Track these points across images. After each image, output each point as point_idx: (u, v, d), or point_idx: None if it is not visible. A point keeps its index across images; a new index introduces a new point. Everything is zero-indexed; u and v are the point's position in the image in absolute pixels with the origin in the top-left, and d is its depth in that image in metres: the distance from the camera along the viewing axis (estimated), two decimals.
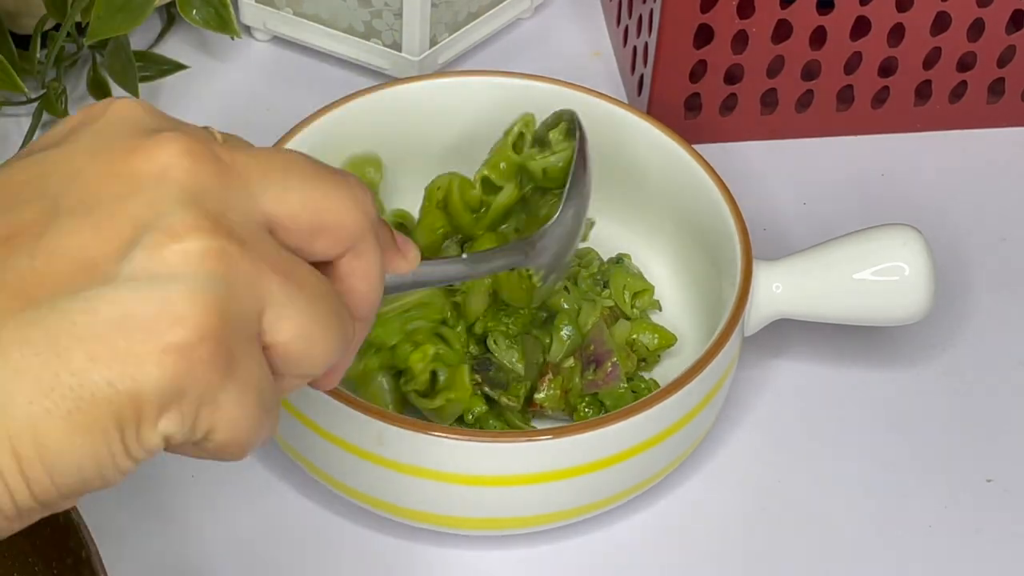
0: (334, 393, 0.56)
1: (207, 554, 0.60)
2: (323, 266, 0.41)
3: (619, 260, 0.67)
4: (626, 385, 0.62)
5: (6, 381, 0.34)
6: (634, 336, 0.64)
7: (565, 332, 0.62)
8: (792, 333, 0.68)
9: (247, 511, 0.62)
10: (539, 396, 0.62)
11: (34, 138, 0.72)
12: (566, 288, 0.64)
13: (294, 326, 0.38)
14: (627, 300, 0.65)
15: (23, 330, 0.35)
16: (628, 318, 0.65)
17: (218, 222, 0.37)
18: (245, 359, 0.37)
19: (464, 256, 0.51)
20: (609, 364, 0.62)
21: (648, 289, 0.66)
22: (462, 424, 0.61)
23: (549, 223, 0.57)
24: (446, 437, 0.56)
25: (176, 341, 0.35)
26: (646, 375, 0.65)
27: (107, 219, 0.36)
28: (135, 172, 0.37)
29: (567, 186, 0.58)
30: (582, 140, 0.60)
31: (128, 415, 0.35)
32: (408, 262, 0.45)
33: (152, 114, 0.39)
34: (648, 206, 0.68)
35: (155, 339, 0.35)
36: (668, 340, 0.65)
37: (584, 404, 0.62)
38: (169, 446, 0.37)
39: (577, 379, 0.62)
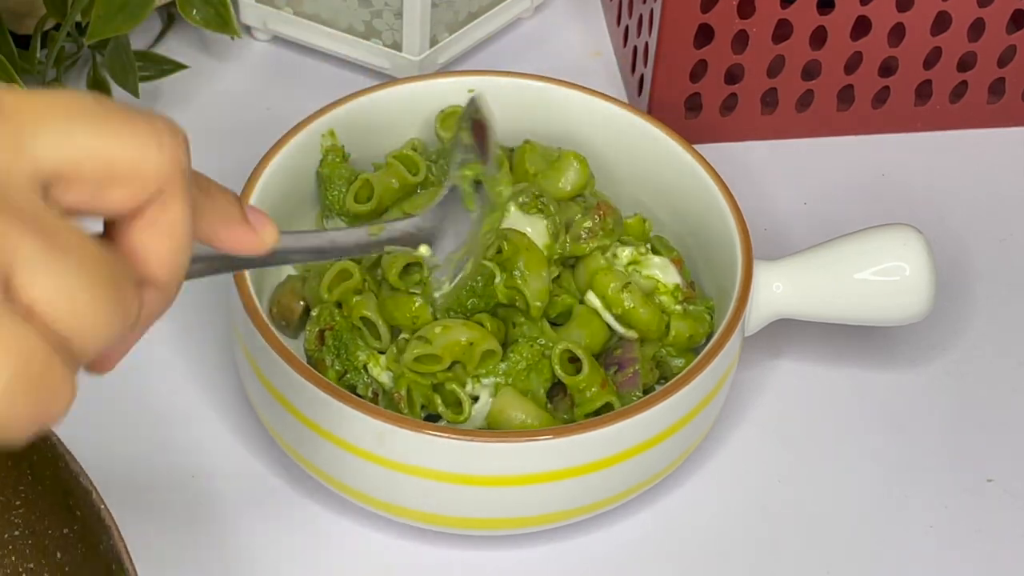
0: (334, 393, 0.56)
1: (206, 552, 0.60)
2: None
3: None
4: (640, 395, 0.61)
5: None
6: (663, 354, 0.63)
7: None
8: (792, 333, 0.68)
9: (246, 511, 0.62)
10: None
11: None
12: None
13: (51, 291, 0.33)
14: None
15: None
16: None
17: None
18: None
19: (362, 227, 0.45)
20: (631, 370, 0.61)
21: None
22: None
23: (436, 201, 0.50)
24: (446, 437, 0.56)
25: None
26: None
27: None
28: None
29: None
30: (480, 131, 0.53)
31: None
32: (259, 239, 0.39)
33: None
34: (648, 206, 0.68)
35: None
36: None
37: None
38: None
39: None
